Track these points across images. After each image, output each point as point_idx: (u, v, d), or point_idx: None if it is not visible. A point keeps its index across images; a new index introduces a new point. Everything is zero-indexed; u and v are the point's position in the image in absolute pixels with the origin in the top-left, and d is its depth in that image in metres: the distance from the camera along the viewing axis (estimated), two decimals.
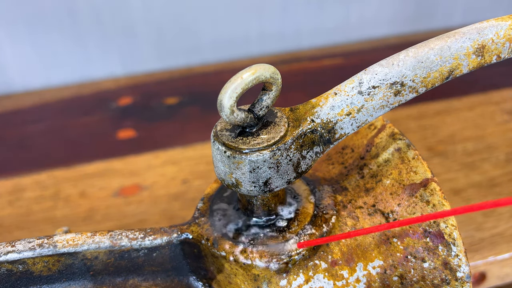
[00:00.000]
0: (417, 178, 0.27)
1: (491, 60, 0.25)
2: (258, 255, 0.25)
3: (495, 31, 0.24)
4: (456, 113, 0.54)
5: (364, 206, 0.28)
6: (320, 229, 0.26)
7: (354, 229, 0.27)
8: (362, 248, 0.27)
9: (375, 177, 0.28)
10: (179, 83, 0.65)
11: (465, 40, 0.24)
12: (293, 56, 0.70)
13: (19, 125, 0.57)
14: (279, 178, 0.24)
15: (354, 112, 0.25)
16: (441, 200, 0.26)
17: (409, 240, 0.26)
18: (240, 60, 0.69)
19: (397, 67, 0.24)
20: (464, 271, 0.25)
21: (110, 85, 0.65)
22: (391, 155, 0.28)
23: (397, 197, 0.27)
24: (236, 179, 0.24)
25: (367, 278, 0.26)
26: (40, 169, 0.48)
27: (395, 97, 0.25)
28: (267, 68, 0.23)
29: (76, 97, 0.62)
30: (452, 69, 0.24)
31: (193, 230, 0.28)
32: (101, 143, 0.52)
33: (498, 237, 0.38)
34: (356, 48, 0.72)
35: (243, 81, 0.22)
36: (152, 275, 0.28)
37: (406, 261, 0.26)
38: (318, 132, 0.25)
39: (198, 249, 0.28)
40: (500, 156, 0.47)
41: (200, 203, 0.29)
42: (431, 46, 0.24)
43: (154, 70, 0.68)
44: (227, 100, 0.22)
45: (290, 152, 0.24)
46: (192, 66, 0.69)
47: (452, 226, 0.25)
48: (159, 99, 0.61)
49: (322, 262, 0.26)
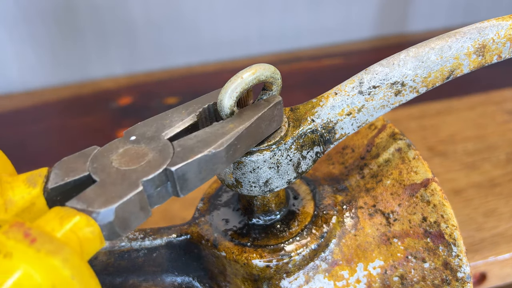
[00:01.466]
0: (417, 178, 0.27)
1: (491, 60, 0.25)
2: (259, 256, 0.25)
3: (495, 30, 0.24)
4: (457, 113, 0.54)
5: (364, 206, 0.28)
6: (320, 229, 0.26)
7: (354, 229, 0.27)
8: (363, 248, 0.27)
9: (375, 177, 0.28)
10: (179, 83, 0.64)
11: (466, 40, 0.24)
12: (293, 55, 0.70)
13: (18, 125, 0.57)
14: (279, 178, 0.24)
15: (355, 112, 0.25)
16: (441, 200, 0.26)
17: (410, 240, 0.26)
18: (240, 60, 0.69)
19: (397, 66, 0.24)
20: (464, 272, 0.25)
21: (110, 85, 0.65)
22: (392, 155, 0.28)
23: (398, 197, 0.27)
24: (236, 179, 0.24)
25: (368, 279, 0.26)
26: None
27: (396, 97, 0.25)
28: (267, 68, 0.23)
29: (76, 97, 0.62)
30: (453, 69, 0.24)
31: (193, 231, 0.27)
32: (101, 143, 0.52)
33: (498, 237, 0.38)
34: (356, 48, 0.72)
35: (243, 81, 0.22)
36: (152, 276, 0.28)
37: (407, 261, 0.26)
38: (319, 132, 0.25)
39: (198, 250, 0.28)
40: (501, 156, 0.47)
41: (200, 203, 0.29)
42: (432, 46, 0.24)
43: (154, 69, 0.68)
44: (227, 100, 0.22)
45: (290, 152, 0.24)
46: (192, 66, 0.69)
47: (453, 226, 0.25)
48: (159, 99, 0.60)
49: (323, 263, 0.26)
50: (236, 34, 0.69)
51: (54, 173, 0.20)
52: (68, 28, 0.62)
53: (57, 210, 0.18)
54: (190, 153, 0.20)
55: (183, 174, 0.20)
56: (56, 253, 0.16)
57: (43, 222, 0.17)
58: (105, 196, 0.18)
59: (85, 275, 0.16)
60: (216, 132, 0.22)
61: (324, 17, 0.71)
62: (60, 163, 0.21)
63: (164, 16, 0.65)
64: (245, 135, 0.22)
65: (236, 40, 0.69)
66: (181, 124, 0.23)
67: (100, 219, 0.18)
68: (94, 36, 0.64)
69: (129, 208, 0.19)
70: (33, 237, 0.16)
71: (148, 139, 0.22)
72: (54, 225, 0.17)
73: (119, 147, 0.21)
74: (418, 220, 0.26)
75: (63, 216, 0.17)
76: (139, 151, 0.21)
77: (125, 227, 0.19)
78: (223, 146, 0.21)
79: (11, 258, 0.15)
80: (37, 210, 0.20)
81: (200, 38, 0.68)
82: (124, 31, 0.64)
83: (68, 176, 0.20)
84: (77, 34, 0.63)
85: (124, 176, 0.19)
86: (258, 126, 0.23)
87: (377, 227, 0.27)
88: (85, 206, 0.18)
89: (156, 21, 0.65)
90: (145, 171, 0.20)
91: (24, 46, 0.62)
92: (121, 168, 0.20)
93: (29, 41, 0.62)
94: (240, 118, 0.22)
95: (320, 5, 0.70)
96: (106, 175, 0.20)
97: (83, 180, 0.20)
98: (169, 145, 0.21)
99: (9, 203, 0.19)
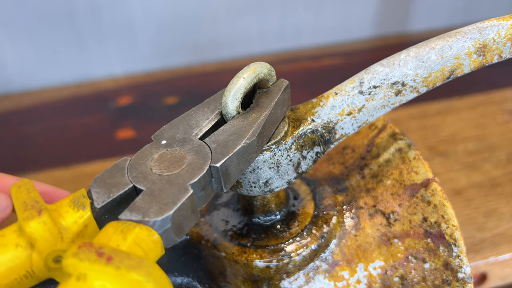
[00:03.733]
0: (418, 178, 0.27)
1: (492, 60, 0.25)
2: (259, 256, 0.25)
3: (496, 30, 0.24)
4: (457, 113, 0.54)
5: (364, 206, 0.28)
6: (320, 230, 0.26)
7: (354, 229, 0.27)
8: (363, 248, 0.27)
9: (375, 177, 0.28)
10: (178, 83, 0.64)
11: (467, 40, 0.24)
12: (293, 55, 0.70)
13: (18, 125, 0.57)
14: (279, 178, 0.24)
15: (355, 112, 0.25)
16: (442, 201, 0.26)
17: (410, 241, 0.26)
18: (240, 59, 0.69)
19: (398, 66, 0.24)
20: (465, 272, 0.25)
21: (110, 85, 0.65)
22: (392, 155, 0.28)
23: (398, 197, 0.27)
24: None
25: (368, 279, 0.26)
26: (39, 169, 0.48)
27: (396, 97, 0.25)
28: (264, 65, 0.23)
29: (75, 97, 0.62)
30: (454, 69, 0.24)
31: (193, 231, 0.27)
32: (101, 143, 0.52)
33: (499, 237, 0.38)
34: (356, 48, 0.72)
35: (245, 81, 0.22)
36: None
37: (407, 261, 0.26)
38: (319, 132, 0.25)
39: (198, 250, 0.27)
40: (501, 156, 0.47)
41: None
42: (432, 46, 0.24)
43: (154, 69, 0.68)
44: (232, 103, 0.22)
45: (290, 152, 0.24)
46: (191, 65, 0.69)
47: (453, 226, 0.25)
48: (158, 98, 0.60)
49: (323, 263, 0.26)
50: (236, 34, 0.69)
51: (95, 192, 0.20)
52: (67, 28, 0.62)
53: (114, 225, 0.18)
54: (227, 147, 0.21)
55: (226, 168, 0.21)
56: (138, 268, 0.15)
57: (105, 239, 0.17)
58: (158, 204, 0.18)
59: (166, 284, 0.16)
60: (242, 123, 0.22)
61: (324, 17, 0.71)
62: (96, 181, 0.21)
63: (163, 15, 0.65)
64: (268, 122, 0.23)
65: (236, 40, 0.69)
66: (208, 123, 0.23)
67: (158, 228, 0.18)
68: (94, 36, 0.63)
69: (182, 212, 0.19)
70: (108, 255, 0.16)
71: (180, 141, 0.22)
72: (118, 240, 0.17)
73: (153, 153, 0.21)
74: (418, 220, 0.26)
75: (123, 230, 0.17)
76: (175, 154, 0.21)
77: (180, 232, 0.19)
78: (254, 135, 0.22)
79: (85, 280, 0.15)
80: (90, 232, 0.20)
81: (200, 38, 0.68)
82: (124, 31, 0.64)
83: (113, 192, 0.20)
84: (77, 34, 0.63)
85: (170, 182, 0.20)
86: (275, 111, 0.23)
87: (378, 227, 0.27)
88: (140, 217, 0.18)
89: (156, 20, 0.65)
90: (190, 173, 0.20)
91: (24, 46, 0.62)
92: (164, 174, 0.20)
93: (29, 41, 0.62)
94: (258, 106, 0.23)
95: (320, 4, 0.70)
96: (151, 183, 0.20)
97: (128, 193, 0.20)
98: (203, 144, 0.21)
99: (64, 231, 0.19)
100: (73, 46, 0.64)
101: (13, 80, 0.64)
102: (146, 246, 0.17)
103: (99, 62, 0.66)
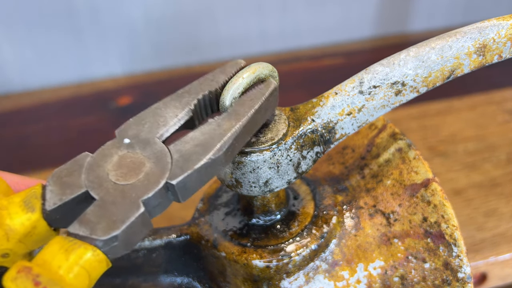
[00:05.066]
0: (418, 178, 0.27)
1: (492, 60, 0.25)
2: (259, 256, 0.25)
3: (496, 30, 0.24)
4: (457, 113, 0.54)
5: (364, 206, 0.28)
6: (320, 230, 0.26)
7: (354, 229, 0.27)
8: (363, 248, 0.27)
9: (375, 177, 0.28)
10: (178, 83, 0.64)
11: (466, 40, 0.24)
12: (294, 55, 0.70)
13: (18, 125, 0.57)
14: (279, 178, 0.24)
15: (355, 112, 0.25)
16: (442, 201, 0.26)
17: (410, 241, 0.26)
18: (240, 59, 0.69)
19: (398, 66, 0.24)
20: (465, 272, 0.25)
21: (110, 85, 0.65)
22: (392, 155, 0.28)
23: (398, 197, 0.27)
24: (236, 179, 0.24)
25: (368, 279, 0.26)
26: (39, 169, 0.48)
27: (396, 96, 0.25)
28: (266, 66, 0.23)
29: (75, 97, 0.62)
30: (454, 69, 0.24)
31: (193, 231, 0.27)
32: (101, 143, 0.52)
33: (499, 237, 0.38)
34: (356, 48, 0.72)
35: (244, 81, 0.22)
36: (151, 276, 0.28)
37: (407, 261, 0.26)
38: (319, 132, 0.25)
39: (198, 250, 0.27)
40: (501, 156, 0.47)
41: (200, 204, 0.29)
42: (432, 46, 0.24)
43: (154, 69, 0.68)
44: (228, 101, 0.22)
45: (290, 152, 0.24)
46: (191, 65, 0.69)
47: (453, 226, 0.25)
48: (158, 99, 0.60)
49: (323, 263, 0.26)
50: (236, 34, 0.69)
51: (50, 190, 0.19)
52: (67, 27, 0.62)
53: (61, 241, 0.18)
54: (189, 162, 0.20)
55: (184, 185, 0.19)
56: None
57: (49, 257, 0.17)
58: (107, 221, 0.18)
59: None
60: (214, 132, 0.21)
61: (324, 17, 0.71)
62: (53, 178, 0.20)
63: (163, 15, 0.65)
64: (242, 132, 0.21)
65: (236, 39, 0.69)
66: (176, 122, 0.22)
67: (104, 245, 0.18)
68: (94, 36, 0.63)
69: (132, 230, 0.18)
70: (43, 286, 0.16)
71: (143, 142, 0.21)
72: (60, 261, 0.17)
73: (113, 154, 0.20)
74: (418, 220, 0.26)
75: (68, 249, 0.17)
76: (134, 159, 0.20)
77: (128, 246, 0.19)
78: (222, 150, 0.20)
79: None
80: (39, 232, 0.20)
81: (200, 38, 0.68)
82: (124, 31, 0.64)
83: (65, 195, 0.19)
84: (77, 34, 0.63)
85: (123, 194, 0.19)
86: (254, 120, 0.22)
87: (378, 227, 0.27)
88: (88, 233, 0.18)
89: (156, 20, 0.65)
90: (145, 186, 0.19)
91: (24, 46, 0.62)
92: (119, 183, 0.19)
93: (29, 41, 0.62)
94: (236, 113, 0.22)
95: (320, 4, 0.70)
96: (104, 192, 0.19)
97: (81, 196, 0.19)
98: (165, 151, 0.20)
99: (10, 232, 0.19)
100: (73, 46, 0.64)
101: (13, 80, 0.64)
102: (90, 266, 0.17)
103: (99, 62, 0.66)
